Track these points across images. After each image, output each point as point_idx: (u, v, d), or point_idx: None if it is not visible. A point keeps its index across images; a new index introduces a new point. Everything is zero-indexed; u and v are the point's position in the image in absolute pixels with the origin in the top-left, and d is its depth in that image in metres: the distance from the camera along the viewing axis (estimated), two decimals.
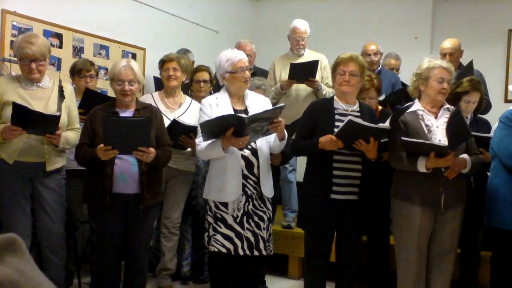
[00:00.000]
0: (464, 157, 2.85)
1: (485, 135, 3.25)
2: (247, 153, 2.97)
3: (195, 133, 3.19)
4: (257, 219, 2.98)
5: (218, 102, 3.01)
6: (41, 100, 2.98)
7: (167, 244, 3.66)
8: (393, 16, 6.03)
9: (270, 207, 3.09)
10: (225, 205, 2.95)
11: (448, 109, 2.93)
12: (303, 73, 4.09)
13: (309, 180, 3.07)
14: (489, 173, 3.21)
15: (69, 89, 3.15)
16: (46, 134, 2.86)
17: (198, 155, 3.10)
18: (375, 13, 6.10)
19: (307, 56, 4.40)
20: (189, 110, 3.66)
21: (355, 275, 3.10)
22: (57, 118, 2.83)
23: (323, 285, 3.11)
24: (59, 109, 2.94)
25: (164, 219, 3.65)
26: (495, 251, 3.24)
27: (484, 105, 3.56)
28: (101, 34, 4.57)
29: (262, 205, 3.02)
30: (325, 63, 4.34)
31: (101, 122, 2.82)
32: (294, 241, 4.12)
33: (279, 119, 2.82)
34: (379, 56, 4.63)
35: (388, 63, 5.01)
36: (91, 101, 3.30)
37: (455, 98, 3.31)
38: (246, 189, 2.96)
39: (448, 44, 4.23)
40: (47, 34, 4.04)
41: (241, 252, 2.94)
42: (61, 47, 4.21)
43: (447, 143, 2.71)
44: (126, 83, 2.96)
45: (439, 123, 2.88)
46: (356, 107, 3.06)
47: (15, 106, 2.69)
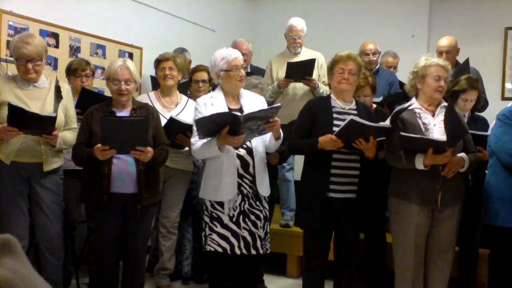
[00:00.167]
0: (461, 156, 2.85)
1: (482, 133, 3.25)
2: (242, 152, 2.96)
3: (192, 131, 3.19)
4: (253, 218, 2.98)
5: (213, 101, 3.00)
6: (38, 100, 2.97)
7: (166, 243, 3.65)
8: (390, 14, 6.04)
9: (266, 205, 3.09)
10: (221, 204, 2.95)
11: (445, 107, 2.93)
12: (300, 72, 4.08)
13: (307, 178, 3.06)
14: (486, 171, 3.21)
15: (66, 89, 3.14)
16: (42, 134, 2.85)
17: (193, 154, 3.09)
18: (371, 11, 6.11)
19: (304, 54, 4.40)
20: (185, 109, 3.65)
21: (353, 273, 3.10)
22: (53, 119, 2.82)
23: (321, 284, 3.11)
24: (56, 109, 2.94)
25: (162, 219, 3.65)
26: (493, 249, 3.24)
27: (481, 103, 3.57)
28: (98, 33, 4.56)
29: (258, 203, 3.01)
30: (322, 61, 4.34)
31: (97, 121, 2.82)
32: (292, 240, 4.12)
33: (275, 118, 2.81)
34: (377, 55, 4.62)
35: (385, 61, 5.00)
36: (87, 101, 3.29)
37: (452, 96, 3.32)
38: (241, 188, 2.95)
39: (444, 42, 4.23)
40: (43, 33, 4.02)
41: (237, 251, 2.94)
42: (57, 46, 4.20)
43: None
44: (122, 83, 2.95)
45: (436, 121, 2.88)
46: (353, 105, 3.06)
47: (11, 107, 2.68)
